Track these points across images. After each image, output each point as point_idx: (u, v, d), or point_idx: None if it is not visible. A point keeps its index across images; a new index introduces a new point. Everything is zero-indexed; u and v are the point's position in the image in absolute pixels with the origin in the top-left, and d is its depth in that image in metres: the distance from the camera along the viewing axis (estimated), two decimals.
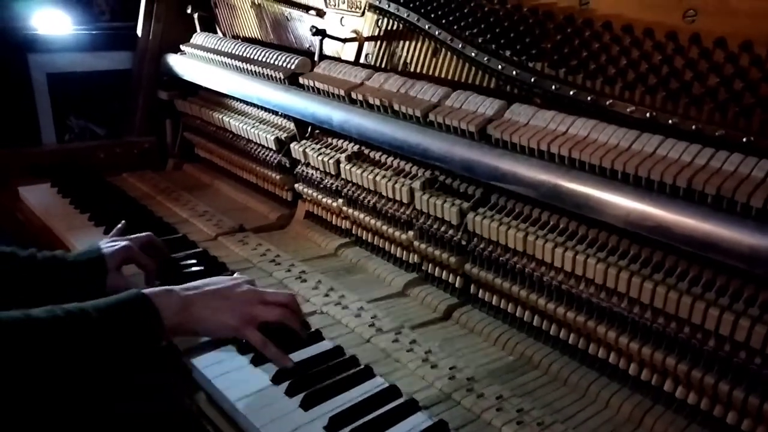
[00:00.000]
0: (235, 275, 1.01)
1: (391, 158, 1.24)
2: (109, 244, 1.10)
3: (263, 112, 1.60)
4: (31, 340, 0.76)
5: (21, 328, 0.76)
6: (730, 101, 0.85)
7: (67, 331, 0.79)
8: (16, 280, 0.99)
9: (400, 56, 1.35)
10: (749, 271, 0.74)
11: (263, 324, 0.94)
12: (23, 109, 1.83)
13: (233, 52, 1.64)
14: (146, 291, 0.89)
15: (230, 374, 0.89)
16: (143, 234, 1.18)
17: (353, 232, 1.35)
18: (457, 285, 1.13)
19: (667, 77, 0.91)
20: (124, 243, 1.10)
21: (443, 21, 1.21)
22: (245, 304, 0.94)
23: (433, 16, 1.23)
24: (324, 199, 1.37)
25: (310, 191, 1.41)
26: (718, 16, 0.87)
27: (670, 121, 0.90)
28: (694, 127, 0.88)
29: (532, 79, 1.06)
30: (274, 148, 1.49)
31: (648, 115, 0.92)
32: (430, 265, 1.18)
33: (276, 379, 0.88)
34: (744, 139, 0.82)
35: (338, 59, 1.44)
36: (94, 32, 1.99)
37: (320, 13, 1.55)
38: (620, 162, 0.85)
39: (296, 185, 1.46)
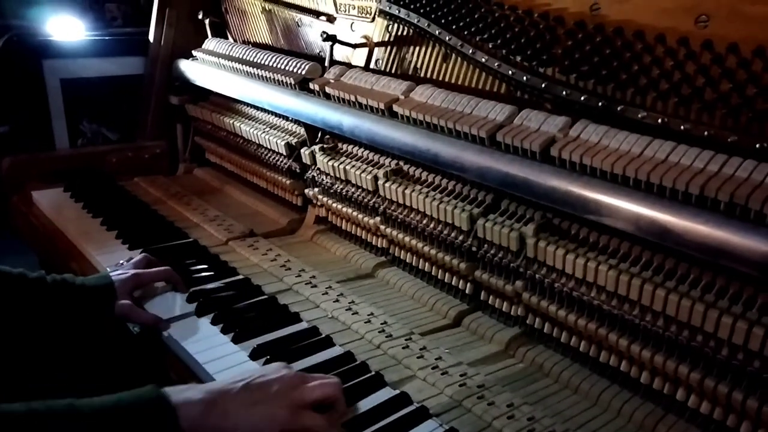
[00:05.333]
0: (275, 365, 0.85)
1: (401, 164, 1.24)
2: (118, 272, 1.10)
3: (274, 117, 1.61)
4: None
5: None
6: (743, 107, 0.84)
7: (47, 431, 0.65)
8: (24, 303, 0.99)
9: (411, 61, 1.35)
10: (763, 278, 0.73)
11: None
12: (38, 115, 1.85)
13: (244, 57, 1.65)
14: (166, 389, 0.73)
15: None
16: (140, 256, 1.18)
17: (363, 237, 1.35)
18: (467, 291, 1.13)
19: (679, 83, 0.91)
20: (132, 271, 1.11)
21: (453, 26, 1.21)
22: (289, 387, 0.78)
23: (443, 21, 1.23)
24: (334, 205, 1.38)
25: (320, 196, 1.42)
26: (730, 22, 0.86)
27: (682, 127, 0.89)
28: (706, 133, 0.87)
29: (543, 85, 1.05)
30: (284, 153, 1.49)
31: (660, 120, 0.92)
32: (440, 271, 1.18)
33: None
34: (757, 146, 0.82)
35: (349, 64, 1.44)
36: (106, 38, 2.02)
37: (331, 19, 1.56)
38: (632, 168, 0.85)
39: (306, 190, 1.46)
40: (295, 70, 1.47)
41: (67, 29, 1.96)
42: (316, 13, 1.60)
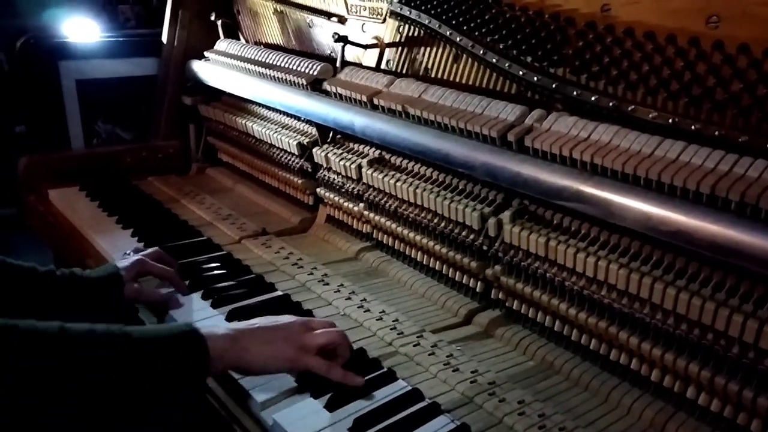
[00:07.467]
0: (285, 315, 0.95)
1: (412, 163, 1.25)
2: (122, 259, 1.14)
3: (285, 117, 1.62)
4: (64, 354, 0.72)
5: (55, 341, 0.72)
6: (753, 107, 0.85)
7: (103, 349, 0.75)
8: (35, 297, 1.01)
9: (421, 62, 1.36)
10: None
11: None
12: (53, 115, 1.88)
13: (256, 58, 1.67)
14: (196, 324, 0.85)
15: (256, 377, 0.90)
16: (152, 249, 1.21)
17: (374, 236, 1.37)
18: (478, 290, 1.14)
19: (689, 83, 0.91)
20: (137, 256, 1.14)
21: (464, 27, 1.22)
22: (297, 333, 0.89)
23: (454, 22, 1.24)
24: (345, 204, 1.39)
25: (331, 195, 1.43)
26: (741, 22, 0.86)
27: (692, 127, 0.90)
28: (717, 132, 0.87)
29: (554, 85, 1.06)
30: (296, 153, 1.51)
31: (670, 120, 0.92)
32: (451, 269, 1.19)
33: (301, 382, 0.89)
34: None
35: (360, 65, 1.46)
36: (120, 39, 2.04)
37: (342, 20, 1.57)
38: (643, 168, 0.86)
39: (318, 189, 1.48)
40: (306, 71, 1.48)
41: (82, 31, 1.99)
42: (328, 14, 1.61)
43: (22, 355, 0.70)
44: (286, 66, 1.55)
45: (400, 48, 1.41)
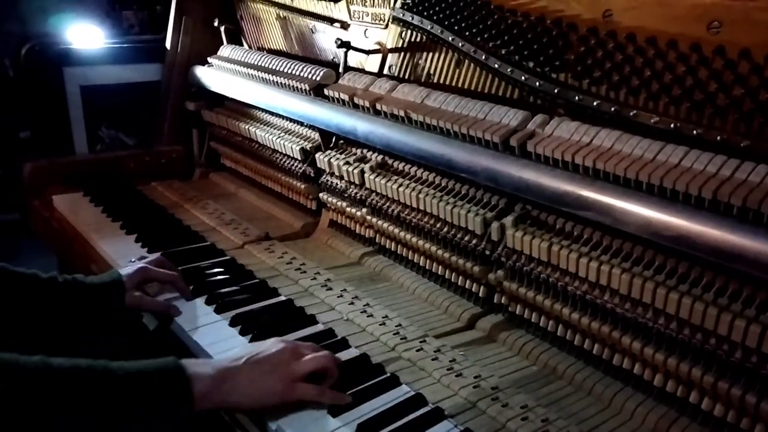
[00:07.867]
0: (271, 340, 0.93)
1: (414, 168, 1.26)
2: (126, 266, 1.14)
3: (288, 122, 1.63)
4: (46, 389, 0.72)
5: (37, 376, 0.72)
6: (755, 112, 0.85)
7: (86, 385, 0.75)
8: (37, 303, 1.02)
9: (424, 67, 1.37)
10: None
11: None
12: (58, 120, 1.90)
13: (259, 63, 1.67)
14: (182, 361, 0.83)
15: None
16: (155, 255, 1.21)
17: (377, 240, 1.37)
18: (480, 294, 1.14)
19: (691, 88, 0.91)
20: (139, 264, 1.14)
21: (466, 33, 1.22)
22: (285, 364, 0.87)
23: (456, 28, 1.24)
24: (348, 208, 1.39)
25: (334, 200, 1.44)
26: (742, 28, 0.87)
27: (694, 132, 0.90)
28: (718, 137, 0.88)
29: (556, 90, 1.07)
30: (299, 158, 1.52)
31: (672, 125, 0.93)
32: (453, 274, 1.19)
33: None
34: None
35: (362, 71, 1.46)
36: (124, 45, 2.06)
37: (344, 26, 1.58)
38: (645, 173, 0.86)
39: (321, 194, 1.48)
40: (309, 76, 1.49)
41: (86, 37, 2.01)
42: (330, 20, 1.62)
43: (2, 389, 0.70)
44: (289, 71, 1.56)
45: (402, 53, 1.42)
